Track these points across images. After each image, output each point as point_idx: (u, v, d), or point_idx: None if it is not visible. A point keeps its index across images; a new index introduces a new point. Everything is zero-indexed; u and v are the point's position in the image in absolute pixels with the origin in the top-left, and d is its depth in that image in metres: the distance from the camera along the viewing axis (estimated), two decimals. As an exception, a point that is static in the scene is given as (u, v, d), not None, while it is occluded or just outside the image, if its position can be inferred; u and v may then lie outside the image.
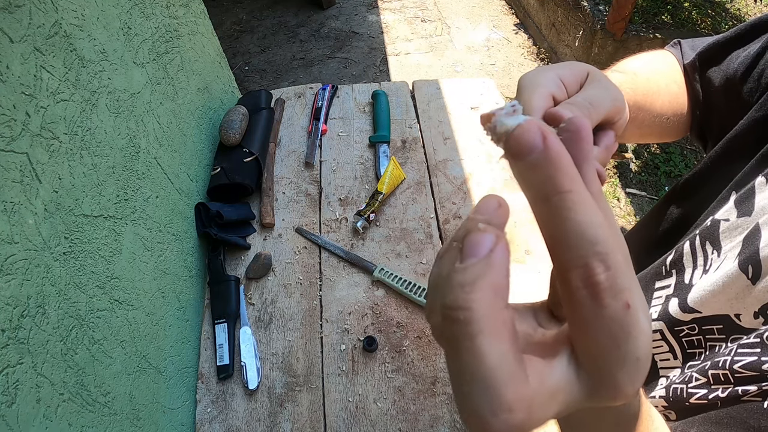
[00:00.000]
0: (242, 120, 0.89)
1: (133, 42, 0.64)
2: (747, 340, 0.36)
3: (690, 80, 0.53)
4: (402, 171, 0.89)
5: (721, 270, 0.40)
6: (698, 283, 0.43)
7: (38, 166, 0.44)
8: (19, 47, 0.42)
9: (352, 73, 2.72)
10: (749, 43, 0.48)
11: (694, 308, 0.42)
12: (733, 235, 0.41)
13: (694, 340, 0.43)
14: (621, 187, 2.24)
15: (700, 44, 0.53)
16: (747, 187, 0.41)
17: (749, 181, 0.41)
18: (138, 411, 0.56)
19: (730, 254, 0.40)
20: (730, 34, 0.50)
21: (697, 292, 0.42)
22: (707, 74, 0.52)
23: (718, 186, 0.46)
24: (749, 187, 0.41)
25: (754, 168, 0.42)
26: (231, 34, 3.00)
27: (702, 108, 0.53)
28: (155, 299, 0.64)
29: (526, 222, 0.84)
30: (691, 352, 0.43)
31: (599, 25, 2.30)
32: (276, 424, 0.66)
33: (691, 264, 0.45)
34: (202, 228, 0.79)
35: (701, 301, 0.42)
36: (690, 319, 0.43)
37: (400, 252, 0.81)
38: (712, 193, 0.46)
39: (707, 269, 0.43)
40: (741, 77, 0.47)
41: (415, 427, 0.65)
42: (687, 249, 0.46)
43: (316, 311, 0.75)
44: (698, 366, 0.41)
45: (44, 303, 0.43)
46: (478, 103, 1.03)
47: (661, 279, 0.49)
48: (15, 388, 0.38)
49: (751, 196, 0.40)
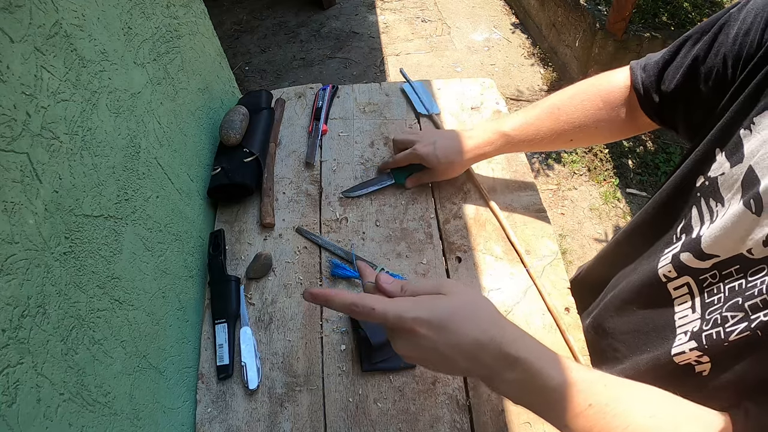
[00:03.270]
0: (243, 120, 0.89)
1: (133, 42, 0.64)
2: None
3: (645, 91, 0.60)
4: None
5: (727, 213, 0.43)
6: (706, 232, 0.46)
7: (39, 166, 0.44)
8: (20, 47, 0.42)
9: (353, 73, 2.72)
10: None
11: (711, 254, 0.45)
12: (730, 183, 0.45)
13: (714, 288, 0.46)
14: (621, 187, 2.24)
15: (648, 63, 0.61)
16: (732, 140, 0.45)
17: (731, 136, 0.45)
18: (138, 411, 0.56)
19: (732, 200, 0.44)
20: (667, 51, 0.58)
21: (708, 237, 0.45)
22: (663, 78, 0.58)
23: (698, 146, 0.51)
24: (734, 139, 0.45)
25: (730, 124, 0.46)
26: (231, 34, 3.00)
27: (662, 108, 0.59)
28: (155, 299, 0.64)
29: (527, 222, 0.84)
30: (709, 300, 0.46)
31: (599, 25, 2.30)
32: (276, 424, 0.66)
33: (699, 223, 0.49)
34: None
35: (716, 244, 0.45)
36: (711, 265, 0.46)
37: (400, 252, 0.81)
38: (693, 153, 0.52)
39: (714, 219, 0.46)
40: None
41: (415, 427, 0.65)
42: (695, 212, 0.50)
43: (317, 311, 0.75)
44: (727, 305, 0.44)
45: (44, 303, 0.43)
46: (478, 103, 1.03)
47: (670, 246, 0.53)
48: (15, 388, 0.38)
49: (739, 146, 0.44)
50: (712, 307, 0.45)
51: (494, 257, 0.80)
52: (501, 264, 0.79)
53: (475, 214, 0.85)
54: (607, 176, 2.28)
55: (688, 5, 2.48)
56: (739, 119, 0.45)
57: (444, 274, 0.78)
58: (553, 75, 2.67)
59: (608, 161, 2.35)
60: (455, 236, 0.83)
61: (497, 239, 0.82)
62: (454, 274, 0.78)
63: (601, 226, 2.11)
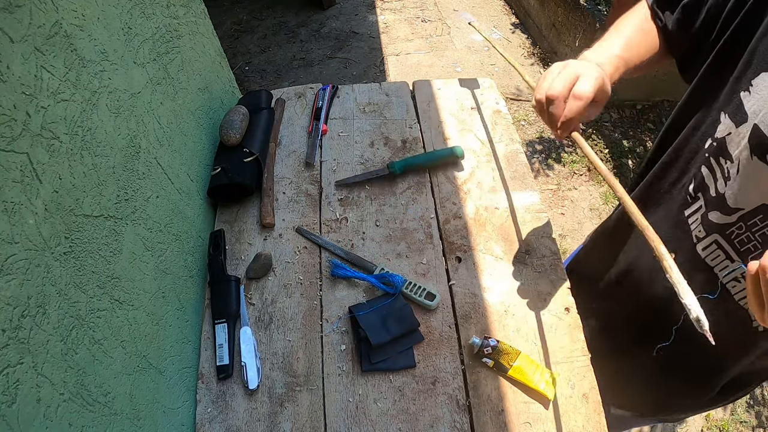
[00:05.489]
0: (243, 120, 0.89)
1: (133, 42, 0.64)
2: None
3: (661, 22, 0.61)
4: None
5: (743, 169, 0.48)
6: (729, 187, 0.50)
7: (39, 166, 0.44)
8: (20, 47, 0.42)
9: (353, 73, 2.72)
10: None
11: (737, 207, 0.50)
12: (737, 141, 0.49)
13: (743, 237, 0.50)
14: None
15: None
16: (734, 102, 0.49)
17: (732, 99, 0.50)
18: (138, 411, 0.56)
19: (741, 156, 0.48)
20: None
21: (732, 193, 0.50)
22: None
23: (704, 112, 0.55)
24: (736, 101, 0.49)
25: (732, 89, 0.50)
26: (231, 34, 2.99)
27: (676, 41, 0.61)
28: (155, 299, 0.64)
29: (527, 222, 0.84)
30: (745, 250, 0.50)
31: (599, 25, 2.30)
32: (276, 424, 0.66)
33: (713, 181, 0.52)
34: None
35: (741, 199, 0.49)
36: (736, 218, 0.50)
37: (400, 252, 0.81)
38: (700, 119, 0.56)
39: (727, 177, 0.50)
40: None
41: (415, 427, 0.65)
42: (705, 171, 0.54)
43: (317, 311, 0.75)
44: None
45: (44, 303, 0.43)
46: (478, 102, 1.03)
47: (688, 206, 0.56)
48: (15, 388, 0.38)
49: (740, 107, 0.48)
50: (750, 255, 0.49)
51: (494, 257, 0.80)
52: (501, 264, 0.79)
53: (475, 214, 0.85)
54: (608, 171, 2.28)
55: (688, 5, 2.48)
56: (738, 83, 0.49)
57: (444, 274, 0.78)
58: (553, 75, 2.67)
59: (608, 161, 2.35)
60: (455, 236, 0.83)
61: (497, 239, 0.82)
62: (454, 274, 0.78)
63: (601, 226, 2.11)
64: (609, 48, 0.63)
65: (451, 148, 0.91)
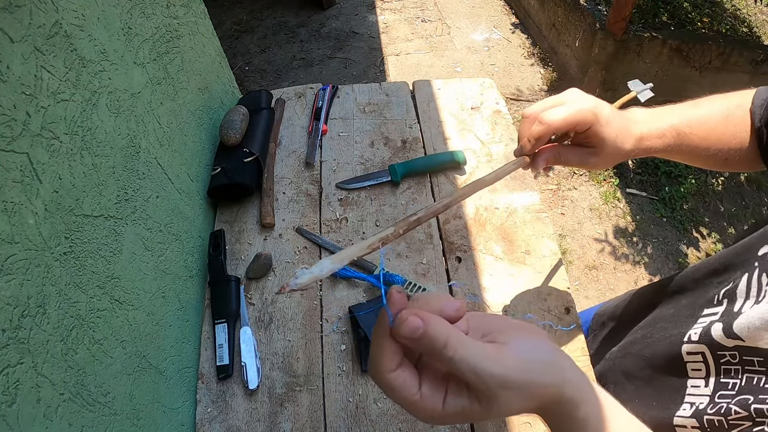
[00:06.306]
0: (243, 120, 0.89)
1: (133, 42, 0.64)
2: None
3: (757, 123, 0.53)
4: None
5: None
6: (747, 311, 0.42)
7: (39, 166, 0.44)
8: (20, 47, 0.42)
9: (353, 73, 2.72)
10: None
11: (738, 335, 0.42)
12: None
13: (732, 369, 0.43)
14: (621, 187, 2.24)
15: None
16: None
17: None
18: (138, 411, 0.56)
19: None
20: None
21: (744, 319, 0.42)
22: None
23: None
24: None
25: None
26: (231, 34, 3.00)
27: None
28: (155, 299, 0.64)
29: (527, 222, 0.84)
30: (725, 382, 0.44)
31: (599, 25, 2.30)
32: (276, 424, 0.66)
33: (744, 295, 0.45)
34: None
35: (747, 331, 0.41)
36: (733, 345, 0.43)
37: (400, 252, 0.81)
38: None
39: (760, 300, 0.42)
40: None
41: (415, 427, 0.65)
42: (744, 281, 0.45)
43: (317, 311, 0.75)
44: (735, 399, 0.41)
45: (44, 303, 0.43)
46: (478, 103, 1.03)
47: (711, 306, 0.49)
48: (15, 388, 0.38)
49: None
50: (725, 391, 0.43)
51: (494, 257, 0.80)
52: (501, 264, 0.79)
53: (475, 214, 0.85)
54: (607, 176, 2.28)
55: (688, 5, 2.48)
56: None
57: (444, 274, 0.78)
58: (553, 75, 2.67)
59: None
60: (455, 236, 0.83)
61: (497, 239, 0.82)
62: (454, 274, 0.78)
63: (601, 226, 2.11)
64: (668, 113, 0.53)
65: (452, 153, 0.90)
